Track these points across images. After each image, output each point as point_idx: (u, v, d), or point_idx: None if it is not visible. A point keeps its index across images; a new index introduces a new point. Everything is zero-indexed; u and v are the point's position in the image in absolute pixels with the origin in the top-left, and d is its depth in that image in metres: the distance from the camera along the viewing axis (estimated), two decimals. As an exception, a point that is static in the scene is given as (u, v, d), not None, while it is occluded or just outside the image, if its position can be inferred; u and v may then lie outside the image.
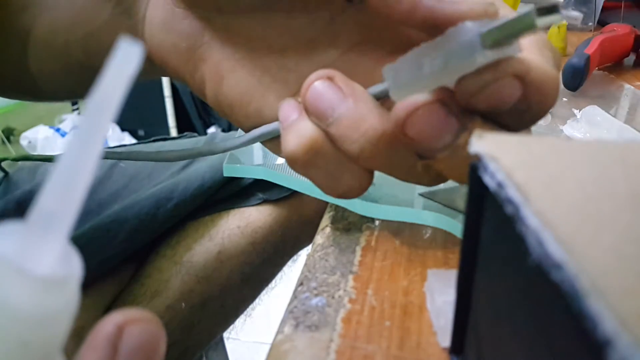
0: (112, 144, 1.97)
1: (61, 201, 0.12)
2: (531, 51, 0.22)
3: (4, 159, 0.53)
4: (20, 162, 0.55)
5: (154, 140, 0.61)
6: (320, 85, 0.22)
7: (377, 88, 0.23)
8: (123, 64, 0.12)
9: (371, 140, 0.22)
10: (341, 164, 0.23)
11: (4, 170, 0.54)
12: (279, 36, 0.26)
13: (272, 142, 0.27)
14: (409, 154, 0.22)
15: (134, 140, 1.47)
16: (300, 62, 0.26)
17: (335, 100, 0.22)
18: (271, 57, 0.26)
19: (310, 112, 0.23)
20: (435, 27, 0.21)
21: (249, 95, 0.26)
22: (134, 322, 0.13)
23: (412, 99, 0.21)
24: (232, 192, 0.53)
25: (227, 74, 0.26)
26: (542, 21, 0.17)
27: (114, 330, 0.13)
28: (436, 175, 0.23)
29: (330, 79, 0.22)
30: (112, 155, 0.46)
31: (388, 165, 0.23)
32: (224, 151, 0.29)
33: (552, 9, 0.18)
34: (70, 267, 0.12)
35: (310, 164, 0.23)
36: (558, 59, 0.23)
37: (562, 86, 0.54)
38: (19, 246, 0.12)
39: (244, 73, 0.26)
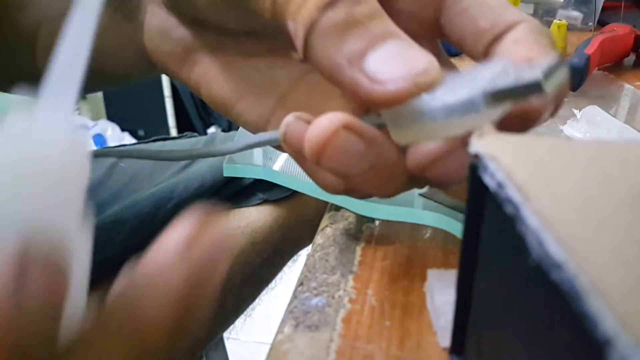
0: (111, 144, 1.97)
1: (67, 74, 0.14)
2: (527, 43, 0.22)
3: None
4: None
5: (154, 140, 0.61)
6: (343, 139, 0.20)
7: (373, 120, 0.22)
8: None
9: (389, 184, 0.22)
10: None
11: None
12: (258, 48, 0.27)
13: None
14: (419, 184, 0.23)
15: (134, 140, 1.47)
16: (278, 69, 0.27)
17: (358, 155, 0.21)
18: (251, 64, 0.27)
19: (328, 168, 0.21)
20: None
21: (232, 99, 0.27)
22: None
23: (427, 146, 0.21)
24: (232, 192, 0.53)
25: (213, 78, 0.27)
26: (550, 84, 0.17)
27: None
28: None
29: (348, 128, 0.21)
30: (112, 153, 0.46)
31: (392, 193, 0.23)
32: (223, 154, 0.29)
33: (558, 65, 0.17)
34: (80, 130, 0.15)
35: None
36: (554, 46, 0.23)
37: (562, 86, 0.53)
38: (40, 112, 0.14)
39: (226, 78, 0.27)
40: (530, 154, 0.16)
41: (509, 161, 0.15)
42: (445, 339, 0.22)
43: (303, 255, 0.59)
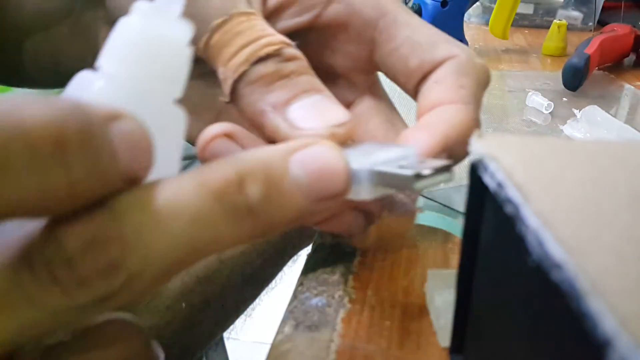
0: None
1: None
2: (445, 86, 0.23)
3: None
4: None
5: None
6: (221, 144, 0.22)
7: None
8: None
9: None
10: None
11: None
12: (197, 71, 0.28)
13: None
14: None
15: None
16: (216, 87, 0.27)
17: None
18: (191, 84, 0.28)
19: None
20: None
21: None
22: None
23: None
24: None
25: None
26: (423, 184, 0.18)
27: None
28: None
29: (228, 135, 0.22)
30: None
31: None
32: None
33: (445, 168, 0.19)
34: (185, 20, 0.17)
35: None
36: (483, 81, 0.24)
37: (562, 86, 0.54)
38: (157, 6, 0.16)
39: None
40: (530, 154, 0.16)
41: (509, 161, 0.15)
42: (445, 339, 0.22)
43: (303, 255, 0.59)
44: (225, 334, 0.63)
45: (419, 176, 0.18)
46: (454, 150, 0.22)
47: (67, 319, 0.14)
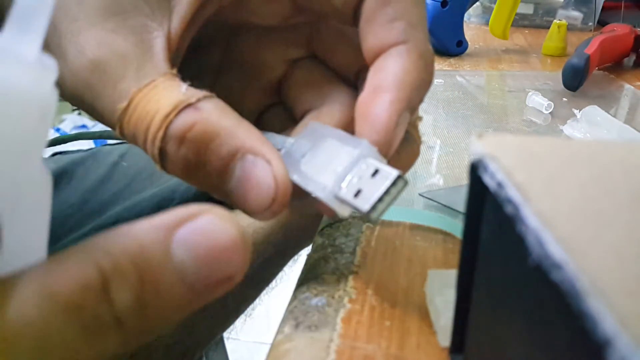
0: (111, 143, 1.96)
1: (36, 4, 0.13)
2: (379, 23, 0.21)
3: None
4: None
5: None
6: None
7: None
8: None
9: None
10: None
11: None
12: None
13: None
14: None
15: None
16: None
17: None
18: None
19: None
20: None
21: None
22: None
23: None
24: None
25: None
26: (380, 209, 0.20)
27: None
28: None
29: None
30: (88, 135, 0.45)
31: None
32: None
33: (396, 181, 0.20)
34: (48, 61, 0.13)
35: None
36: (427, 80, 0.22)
37: (562, 86, 0.54)
38: (6, 39, 0.12)
39: None
40: (530, 154, 0.16)
41: (509, 161, 0.15)
42: (445, 339, 0.22)
43: (303, 255, 0.59)
44: (225, 334, 0.63)
45: (374, 207, 0.19)
46: (413, 102, 0.21)
47: None
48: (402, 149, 0.23)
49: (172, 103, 0.19)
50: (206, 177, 0.20)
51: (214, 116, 0.19)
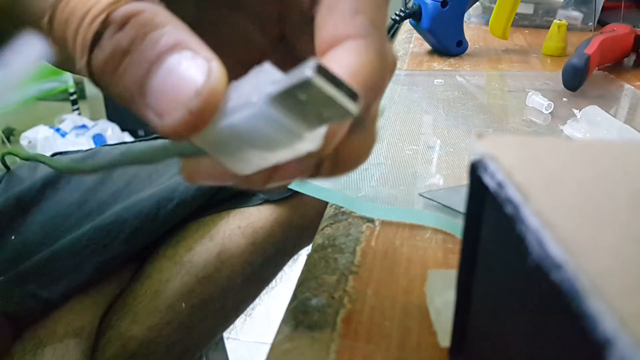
0: (110, 144, 1.96)
1: None
2: (341, 14, 0.19)
3: (7, 154, 0.53)
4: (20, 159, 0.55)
5: (154, 138, 0.61)
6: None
7: (190, 148, 0.20)
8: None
9: None
10: None
11: (7, 166, 0.54)
12: None
13: None
14: None
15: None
16: None
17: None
18: None
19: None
20: None
21: None
22: None
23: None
24: (233, 192, 0.53)
25: None
26: (325, 81, 0.15)
27: None
28: None
29: None
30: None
31: None
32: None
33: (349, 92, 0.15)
34: None
35: None
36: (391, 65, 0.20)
37: (562, 86, 0.54)
38: None
39: None
40: (530, 154, 0.16)
41: (509, 161, 0.15)
42: (445, 339, 0.22)
43: (303, 255, 0.59)
44: (225, 334, 0.63)
45: (320, 73, 0.15)
46: (363, 99, 0.18)
47: None
48: (352, 136, 0.20)
49: (89, 19, 0.17)
50: (130, 72, 0.18)
51: (164, 12, 0.18)
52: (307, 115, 0.16)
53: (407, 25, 0.74)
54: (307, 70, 0.15)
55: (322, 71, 0.15)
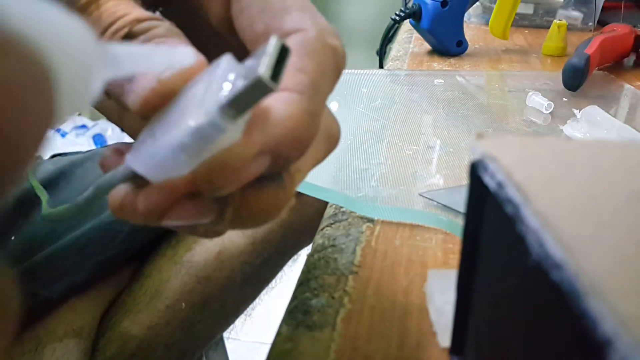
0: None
1: None
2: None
3: None
4: None
5: None
6: None
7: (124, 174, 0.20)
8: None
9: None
10: None
11: None
12: None
13: None
14: None
15: (133, 140, 1.46)
16: None
17: None
18: None
19: None
20: None
21: None
22: None
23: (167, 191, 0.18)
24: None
25: None
26: (277, 74, 0.15)
27: None
28: None
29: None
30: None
31: None
32: None
33: (278, 51, 0.16)
34: None
35: None
36: (331, 66, 0.20)
37: (562, 86, 0.54)
38: None
39: None
40: (530, 154, 0.16)
41: (509, 161, 0.15)
42: (445, 339, 0.22)
43: (303, 255, 0.59)
44: (225, 334, 0.63)
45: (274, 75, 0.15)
46: (278, 151, 0.18)
47: None
48: (264, 188, 0.20)
49: (114, 29, 0.19)
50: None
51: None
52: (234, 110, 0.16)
53: (407, 25, 0.74)
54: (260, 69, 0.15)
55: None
